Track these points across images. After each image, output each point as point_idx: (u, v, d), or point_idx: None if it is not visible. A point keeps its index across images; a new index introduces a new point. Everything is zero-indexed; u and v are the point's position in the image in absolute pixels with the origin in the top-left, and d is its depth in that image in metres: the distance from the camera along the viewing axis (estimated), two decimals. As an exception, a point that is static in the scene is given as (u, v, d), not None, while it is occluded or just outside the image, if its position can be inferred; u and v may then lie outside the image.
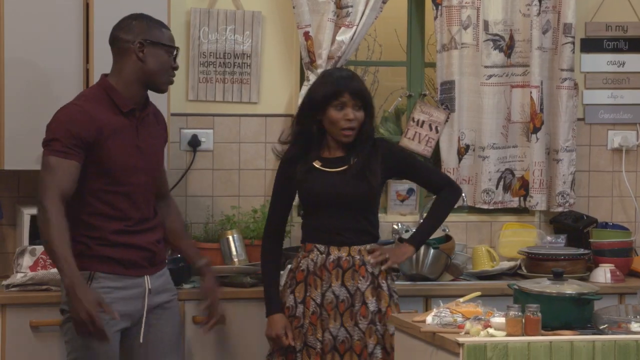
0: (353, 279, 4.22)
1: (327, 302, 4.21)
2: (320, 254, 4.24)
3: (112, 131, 3.91)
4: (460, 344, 3.49)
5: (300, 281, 4.25)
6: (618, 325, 3.67)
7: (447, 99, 5.26)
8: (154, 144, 4.07)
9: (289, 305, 4.26)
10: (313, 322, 4.21)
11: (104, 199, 3.93)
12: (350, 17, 5.05)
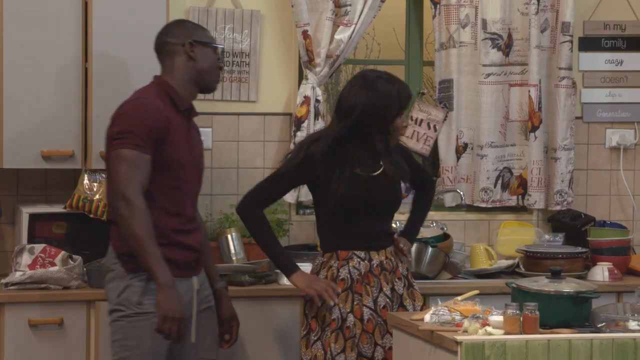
0: (394, 282, 4.21)
1: (380, 307, 4.15)
2: (361, 261, 4.16)
3: (175, 128, 3.97)
4: (458, 342, 3.49)
5: (343, 291, 4.13)
6: (616, 324, 3.67)
7: (445, 97, 5.27)
8: (199, 143, 4.17)
9: (334, 318, 4.11)
10: (369, 330, 4.13)
11: (167, 194, 3.96)
12: (348, 15, 5.05)
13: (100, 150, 4.66)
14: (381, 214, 4.23)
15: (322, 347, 4.13)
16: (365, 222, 4.16)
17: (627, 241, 5.20)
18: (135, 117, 3.89)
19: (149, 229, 3.80)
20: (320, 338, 4.14)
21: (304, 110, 5.06)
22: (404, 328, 3.89)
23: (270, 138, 5.18)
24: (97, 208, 4.73)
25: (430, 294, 4.67)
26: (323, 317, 4.13)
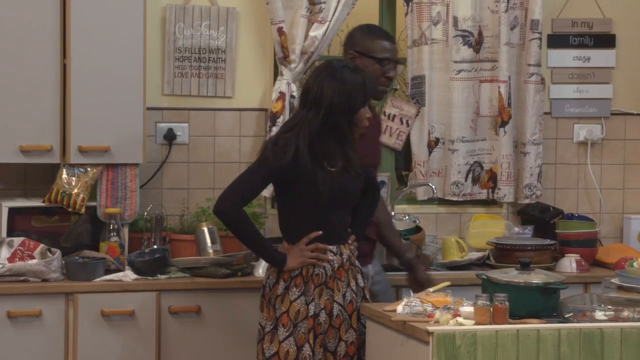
0: (357, 276, 4.17)
1: (347, 302, 4.09)
2: (334, 255, 4.09)
3: None
4: (430, 332, 3.50)
5: (318, 286, 4.06)
6: (583, 314, 3.70)
7: (417, 93, 5.28)
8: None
9: (311, 314, 4.03)
10: (336, 325, 4.07)
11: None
12: (323, 13, 5.05)
13: (78, 144, 4.68)
14: (348, 207, 4.15)
15: (295, 343, 4.04)
16: (337, 216, 4.11)
17: (594, 233, 5.23)
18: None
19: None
20: (293, 334, 4.05)
21: (279, 105, 5.04)
22: (377, 319, 3.89)
23: (246, 133, 5.17)
24: (76, 202, 4.73)
25: (403, 285, 4.65)
26: (297, 312, 4.04)
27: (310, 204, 4.06)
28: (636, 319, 3.67)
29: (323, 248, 4.07)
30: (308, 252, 4.06)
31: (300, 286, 4.07)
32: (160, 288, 4.58)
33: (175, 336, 4.61)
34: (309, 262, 4.06)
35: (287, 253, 4.08)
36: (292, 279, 4.08)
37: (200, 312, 4.61)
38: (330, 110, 4.01)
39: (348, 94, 4.01)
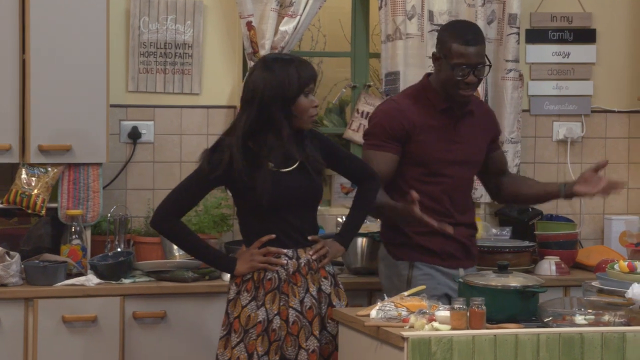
0: (321, 282, 4.09)
1: (306, 308, 4.01)
2: (290, 259, 4.02)
3: (425, 127, 4.24)
4: (404, 338, 3.48)
5: (270, 291, 4.00)
6: (563, 318, 3.68)
7: (392, 89, 5.24)
8: (475, 137, 4.32)
9: (260, 320, 3.96)
10: (294, 332, 3.99)
11: (421, 189, 4.16)
12: (293, 6, 5.03)
13: (38, 143, 4.65)
14: (303, 210, 4.06)
15: (245, 350, 3.99)
16: (290, 219, 4.03)
17: (574, 235, 5.21)
18: (376, 119, 4.30)
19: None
20: (243, 340, 4.00)
21: (248, 103, 5.01)
22: (350, 324, 3.87)
23: (214, 131, 5.12)
24: (36, 203, 4.69)
25: (377, 289, 4.64)
26: (247, 317, 4.00)
27: (256, 209, 4.00)
28: (617, 323, 3.66)
29: (275, 252, 4.02)
30: (259, 257, 4.01)
31: (252, 291, 4.02)
32: (124, 293, 4.58)
33: (140, 343, 4.59)
34: (259, 266, 4.01)
35: (238, 257, 4.06)
36: (244, 283, 4.04)
37: (166, 318, 4.60)
38: (263, 105, 3.94)
39: (279, 85, 3.93)
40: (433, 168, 4.25)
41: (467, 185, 4.40)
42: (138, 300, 4.56)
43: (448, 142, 4.27)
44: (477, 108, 4.39)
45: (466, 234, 4.34)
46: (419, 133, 4.23)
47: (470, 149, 4.33)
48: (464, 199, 4.36)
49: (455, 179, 4.29)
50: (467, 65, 4.17)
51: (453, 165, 4.27)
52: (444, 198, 4.27)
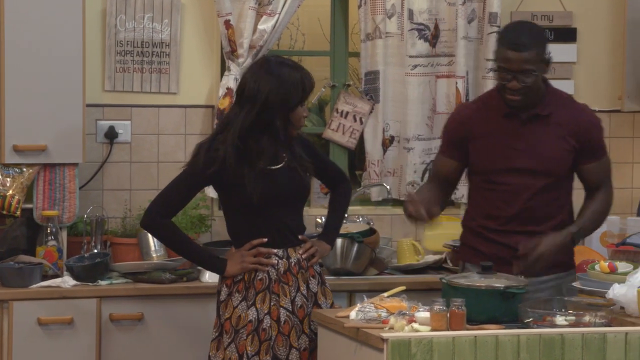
0: (309, 280, 4.13)
1: (297, 307, 4.07)
2: (280, 259, 4.06)
3: (484, 133, 4.18)
4: (384, 339, 3.46)
5: (261, 291, 4.04)
6: (543, 319, 3.67)
7: (371, 89, 5.24)
8: (547, 143, 4.13)
9: (251, 320, 3.99)
10: (285, 332, 4.03)
11: (482, 195, 4.22)
12: (272, 5, 5.02)
13: (13, 143, 4.63)
14: (292, 208, 4.12)
15: (236, 350, 4.02)
16: (280, 217, 4.07)
17: None
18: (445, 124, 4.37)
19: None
20: (234, 340, 4.03)
21: (227, 102, 5.00)
22: (329, 325, 3.85)
23: (191, 131, 5.13)
24: (10, 204, 4.66)
25: (356, 290, 4.66)
26: (238, 318, 4.03)
27: (247, 208, 4.04)
28: (598, 324, 3.65)
29: (266, 252, 4.06)
30: (250, 258, 4.04)
31: (242, 291, 4.06)
32: (100, 294, 4.56)
33: (117, 345, 4.57)
34: (250, 267, 4.05)
35: (228, 258, 4.08)
36: (235, 284, 4.08)
37: (144, 320, 4.58)
38: (265, 107, 4.00)
39: (286, 90, 4.00)
40: (490, 176, 4.17)
41: (540, 195, 4.14)
42: (115, 301, 4.54)
43: (508, 149, 4.13)
44: (560, 113, 4.16)
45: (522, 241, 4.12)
46: (476, 139, 4.18)
47: (538, 157, 4.13)
48: (535, 209, 4.15)
49: (515, 187, 4.13)
50: (508, 71, 4.05)
51: (511, 173, 4.13)
52: (502, 205, 4.15)
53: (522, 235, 4.15)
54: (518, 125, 4.14)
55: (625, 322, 3.69)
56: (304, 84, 4.03)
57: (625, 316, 3.74)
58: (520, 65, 4.04)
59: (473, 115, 4.23)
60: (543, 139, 4.14)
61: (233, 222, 4.12)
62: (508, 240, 4.15)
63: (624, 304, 3.76)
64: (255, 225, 4.05)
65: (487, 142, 4.17)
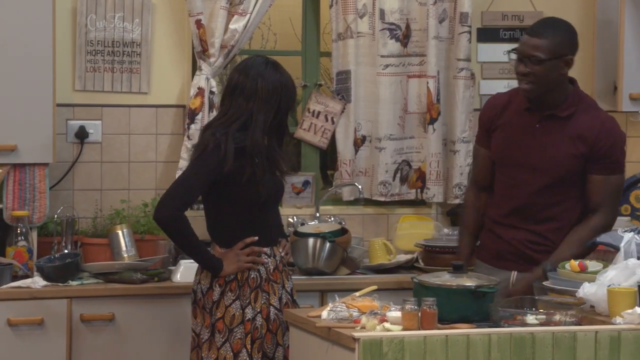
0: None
1: (283, 305, 4.12)
2: (268, 257, 4.12)
3: (506, 124, 4.23)
4: (355, 339, 3.46)
5: (253, 289, 4.08)
6: (514, 318, 3.67)
7: (343, 89, 5.24)
8: (557, 144, 4.13)
9: (248, 319, 4.04)
10: (273, 329, 4.09)
11: (496, 185, 4.29)
12: (243, 4, 5.00)
13: None
14: (275, 207, 4.21)
15: (231, 349, 4.05)
16: (269, 216, 4.15)
17: None
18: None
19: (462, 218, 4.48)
20: (229, 339, 4.05)
21: (198, 102, 4.98)
22: (301, 325, 3.85)
23: (162, 131, 5.10)
24: None
25: (328, 290, 4.65)
26: (232, 317, 4.05)
27: (249, 206, 4.07)
28: (568, 323, 3.67)
29: (258, 251, 4.10)
30: (244, 257, 4.08)
31: (235, 290, 4.08)
32: (71, 295, 4.53)
33: (87, 346, 4.55)
34: (245, 266, 4.09)
35: (223, 258, 4.09)
36: (227, 284, 4.09)
37: (115, 320, 4.56)
38: (279, 108, 4.08)
39: (292, 91, 4.13)
40: (500, 166, 4.24)
41: (542, 194, 4.16)
42: (85, 302, 4.52)
43: (520, 143, 4.18)
44: (579, 117, 4.15)
45: (525, 239, 4.20)
46: (496, 128, 4.25)
47: (546, 157, 4.14)
48: (535, 208, 4.18)
49: (518, 181, 4.18)
50: (519, 53, 4.10)
51: (518, 167, 4.18)
52: (505, 197, 4.22)
53: (522, 232, 4.20)
54: (535, 122, 4.17)
55: (595, 320, 3.70)
56: (294, 83, 4.15)
57: (595, 315, 3.75)
58: (529, 50, 4.08)
59: (501, 105, 4.28)
60: (554, 139, 4.15)
61: (222, 220, 4.12)
62: (506, 233, 4.21)
63: (594, 303, 3.77)
64: (247, 224, 4.08)
65: (504, 134, 4.23)
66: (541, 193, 4.17)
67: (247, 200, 4.04)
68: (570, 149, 4.14)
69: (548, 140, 4.16)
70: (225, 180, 4.01)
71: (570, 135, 4.14)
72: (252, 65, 4.10)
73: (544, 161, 4.15)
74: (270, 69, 4.08)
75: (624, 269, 3.78)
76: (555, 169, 4.14)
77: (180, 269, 4.63)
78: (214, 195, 4.08)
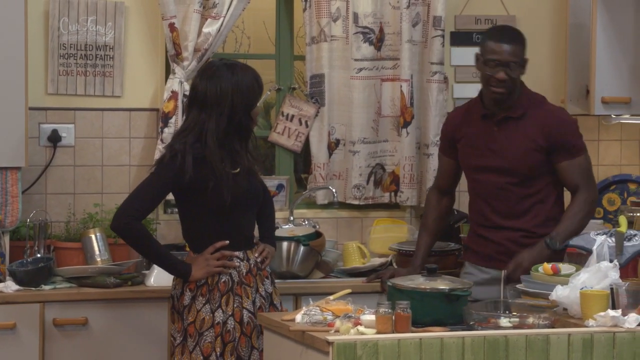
0: (264, 281, 4.21)
1: (256, 308, 4.13)
2: (241, 261, 4.13)
3: (465, 134, 4.47)
4: (329, 342, 3.46)
5: (224, 293, 4.09)
6: (487, 321, 3.68)
7: (316, 92, 5.24)
8: (516, 144, 4.36)
9: (218, 322, 4.06)
10: (247, 332, 4.10)
11: (473, 191, 4.50)
12: (217, 8, 4.99)
13: None
14: (253, 210, 4.21)
15: (201, 353, 4.06)
16: (243, 220, 4.15)
17: None
18: None
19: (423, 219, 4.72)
20: (199, 343, 4.06)
21: (172, 105, 4.97)
22: (275, 329, 3.85)
23: (136, 134, 5.09)
24: None
25: (302, 293, 4.65)
26: (202, 321, 4.06)
27: (216, 210, 4.08)
28: (541, 325, 3.68)
29: (229, 255, 4.11)
30: (214, 261, 4.09)
31: (206, 295, 4.10)
32: (44, 299, 4.53)
33: (60, 350, 4.54)
34: (214, 271, 4.10)
35: (192, 263, 4.11)
36: (198, 288, 4.11)
37: (88, 324, 4.55)
38: (233, 110, 4.07)
39: (247, 90, 4.10)
40: (468, 174, 4.50)
41: (512, 192, 4.38)
42: (58, 306, 4.51)
43: (483, 149, 4.42)
44: (532, 114, 4.40)
45: (511, 237, 4.38)
46: (459, 140, 4.50)
47: (509, 156, 4.38)
48: (507, 204, 4.39)
49: (490, 185, 4.41)
50: (498, 62, 4.30)
51: (486, 172, 4.41)
52: (482, 203, 4.45)
53: (507, 231, 4.38)
54: (492, 126, 4.42)
55: (568, 323, 3.72)
56: (258, 81, 4.14)
57: (568, 317, 3.77)
58: (510, 57, 4.33)
59: (459, 118, 4.54)
60: (513, 139, 4.38)
61: (193, 227, 4.16)
62: (494, 235, 4.40)
63: (566, 306, 3.79)
64: (217, 229, 4.10)
65: (468, 144, 4.47)
66: (511, 190, 4.39)
67: (214, 206, 4.06)
68: (530, 144, 4.38)
69: (508, 141, 4.39)
70: (191, 188, 4.05)
71: (527, 132, 4.38)
72: (204, 70, 4.16)
73: (507, 161, 4.38)
74: (221, 72, 4.09)
75: (597, 272, 3.80)
76: (519, 166, 4.38)
77: (153, 273, 4.63)
78: (184, 203, 4.14)
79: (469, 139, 4.47)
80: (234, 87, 4.06)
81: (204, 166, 4.03)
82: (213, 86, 4.06)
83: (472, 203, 4.54)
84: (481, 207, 4.48)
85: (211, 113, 4.06)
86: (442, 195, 4.65)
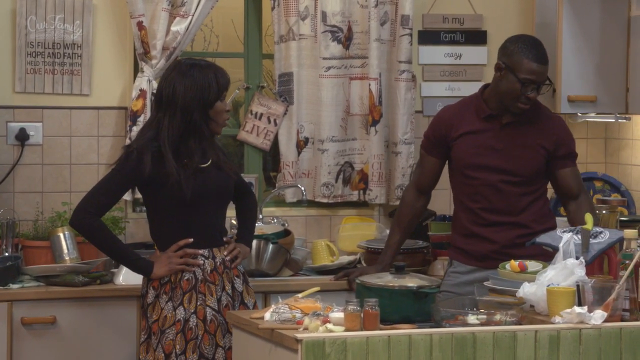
0: (234, 280, 4.20)
1: (222, 306, 4.13)
2: (206, 259, 4.13)
3: (464, 132, 4.43)
4: (298, 340, 3.46)
5: (187, 291, 4.10)
6: (455, 318, 3.69)
7: (285, 91, 5.23)
8: (521, 146, 4.38)
9: (179, 319, 4.06)
10: (211, 330, 4.10)
11: (465, 190, 4.46)
12: (185, 6, 4.98)
13: None
14: (217, 208, 4.19)
15: (162, 350, 4.06)
16: (207, 217, 4.14)
17: None
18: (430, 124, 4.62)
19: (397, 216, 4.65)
20: (160, 341, 4.07)
21: (140, 104, 4.96)
22: (244, 327, 3.85)
23: (104, 133, 5.08)
24: None
25: (271, 291, 4.65)
26: (164, 318, 4.07)
27: (177, 207, 4.09)
28: (508, 322, 3.69)
29: (192, 253, 4.11)
30: (176, 259, 4.09)
31: (169, 292, 4.12)
32: (12, 298, 4.51)
33: (28, 349, 4.51)
34: (177, 268, 4.10)
35: (155, 261, 4.11)
36: (162, 286, 4.13)
37: (56, 323, 4.54)
38: (185, 109, 4.08)
39: (200, 90, 4.10)
40: (468, 172, 4.42)
41: (512, 190, 4.41)
42: (26, 305, 4.49)
43: (485, 148, 4.40)
44: (538, 119, 4.43)
45: (514, 236, 4.39)
46: (456, 138, 4.44)
47: (514, 158, 4.40)
48: (507, 203, 4.41)
49: (489, 183, 4.40)
50: (536, 83, 4.30)
51: (486, 170, 4.39)
52: (478, 201, 4.42)
53: (501, 226, 4.40)
54: (497, 127, 4.41)
55: (535, 320, 3.73)
56: (217, 80, 4.11)
57: (535, 314, 3.78)
58: (545, 78, 4.35)
59: (455, 116, 4.48)
60: (519, 142, 4.41)
61: (158, 224, 4.16)
62: (494, 236, 4.39)
63: (533, 303, 3.79)
64: (181, 226, 4.11)
65: (470, 142, 4.42)
66: (511, 188, 4.40)
67: (175, 202, 4.07)
68: (537, 148, 4.42)
69: (513, 142, 4.42)
70: (152, 183, 4.07)
71: (535, 137, 4.42)
72: (166, 73, 4.18)
73: (511, 161, 4.40)
74: (175, 72, 4.12)
75: (563, 269, 3.82)
76: (524, 168, 4.41)
77: (122, 271, 4.61)
78: (149, 200, 4.16)
79: (469, 138, 4.43)
80: (187, 87, 4.07)
81: (164, 162, 4.04)
82: (168, 85, 4.10)
83: (464, 202, 4.47)
84: (476, 206, 4.43)
85: (166, 112, 4.09)
86: (420, 194, 4.60)
